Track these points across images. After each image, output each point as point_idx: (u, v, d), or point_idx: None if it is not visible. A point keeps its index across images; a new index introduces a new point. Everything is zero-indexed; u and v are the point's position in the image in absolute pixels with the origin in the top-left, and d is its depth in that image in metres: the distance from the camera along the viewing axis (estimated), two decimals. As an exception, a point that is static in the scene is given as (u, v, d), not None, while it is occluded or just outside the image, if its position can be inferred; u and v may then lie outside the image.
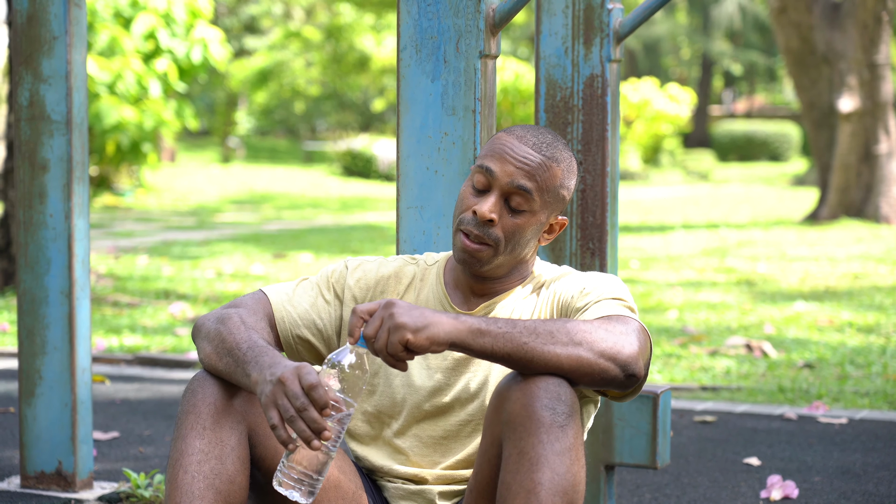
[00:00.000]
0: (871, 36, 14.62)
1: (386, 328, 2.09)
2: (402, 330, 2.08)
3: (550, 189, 2.33)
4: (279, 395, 2.07)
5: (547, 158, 2.33)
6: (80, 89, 3.56)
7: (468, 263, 2.34)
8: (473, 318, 2.13)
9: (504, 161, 2.32)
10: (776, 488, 3.68)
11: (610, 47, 3.21)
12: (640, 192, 22.78)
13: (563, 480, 2.09)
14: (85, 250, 3.59)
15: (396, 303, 2.11)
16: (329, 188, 23.36)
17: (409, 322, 2.09)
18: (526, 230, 2.34)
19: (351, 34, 31.26)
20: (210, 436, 2.21)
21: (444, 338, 2.10)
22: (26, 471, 3.59)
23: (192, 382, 2.26)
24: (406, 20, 2.85)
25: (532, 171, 2.31)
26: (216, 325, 2.27)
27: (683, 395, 5.36)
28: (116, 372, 5.80)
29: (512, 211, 2.32)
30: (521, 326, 2.12)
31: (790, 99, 39.44)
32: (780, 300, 8.28)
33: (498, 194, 2.32)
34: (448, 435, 2.39)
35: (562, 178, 2.35)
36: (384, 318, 2.10)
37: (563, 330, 2.13)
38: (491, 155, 2.34)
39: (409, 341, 2.08)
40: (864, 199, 14.94)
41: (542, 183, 2.32)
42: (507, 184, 2.31)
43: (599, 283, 2.32)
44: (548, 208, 2.35)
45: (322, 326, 2.43)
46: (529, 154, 2.32)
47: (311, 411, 2.05)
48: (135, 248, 11.89)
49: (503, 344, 2.11)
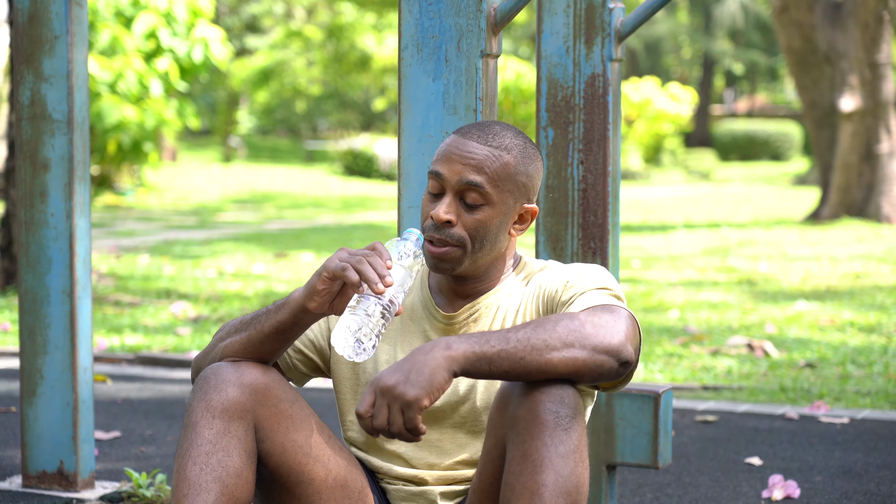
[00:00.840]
0: (872, 35, 14.62)
1: (396, 409, 2.07)
2: (409, 402, 2.05)
3: (504, 178, 2.32)
4: (342, 252, 2.19)
5: (493, 148, 2.31)
6: (81, 88, 3.56)
7: (440, 269, 2.34)
8: (466, 343, 2.10)
9: (450, 161, 2.32)
10: (778, 488, 3.68)
11: (611, 46, 3.20)
12: (641, 191, 22.78)
13: (566, 482, 2.08)
14: (86, 249, 3.59)
15: (382, 377, 2.08)
16: (330, 187, 23.36)
17: (410, 390, 2.05)
18: (489, 224, 2.32)
19: (352, 33, 31.26)
20: (219, 426, 2.21)
21: (447, 378, 2.08)
22: (28, 470, 3.59)
23: (204, 373, 2.27)
24: (407, 19, 2.85)
25: (479, 164, 2.30)
26: (214, 341, 2.33)
27: (685, 394, 5.35)
28: (118, 371, 5.80)
29: (469, 207, 2.31)
30: (516, 340, 2.10)
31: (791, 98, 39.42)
32: (781, 300, 8.27)
33: (451, 195, 2.32)
34: (443, 437, 2.39)
35: (515, 165, 2.33)
36: (388, 403, 2.07)
37: (554, 335, 2.11)
38: (438, 159, 2.34)
39: (424, 406, 2.06)
40: (865, 198, 14.93)
41: (492, 174, 2.31)
42: (456, 182, 2.31)
43: (583, 275, 2.31)
44: (508, 198, 2.33)
45: (314, 337, 2.45)
46: (475, 148, 2.31)
47: (376, 258, 2.16)
48: (136, 247, 11.89)
49: (500, 363, 2.09)
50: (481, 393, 2.36)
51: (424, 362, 2.07)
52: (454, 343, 2.09)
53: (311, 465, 2.29)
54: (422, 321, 2.42)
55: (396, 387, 2.05)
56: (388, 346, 2.42)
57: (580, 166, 3.22)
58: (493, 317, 2.38)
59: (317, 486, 2.30)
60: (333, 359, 2.46)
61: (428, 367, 2.06)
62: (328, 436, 2.34)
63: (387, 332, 2.42)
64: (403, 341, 2.41)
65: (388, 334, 2.43)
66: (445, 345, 2.09)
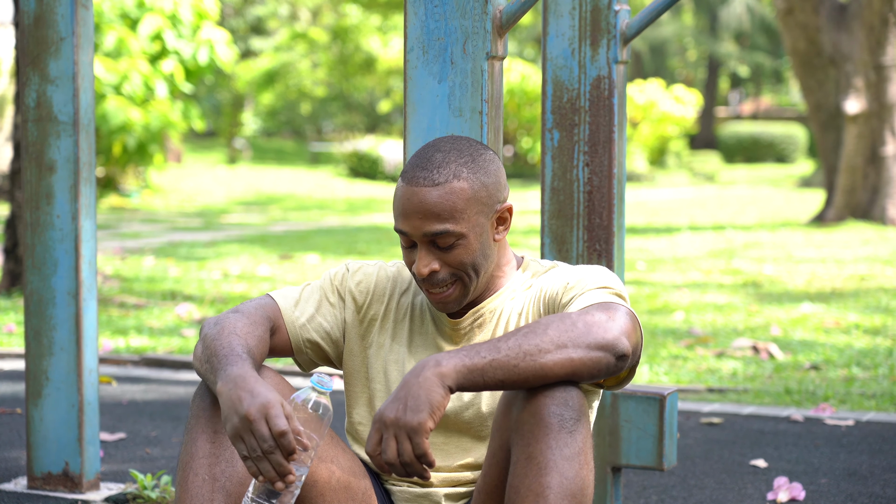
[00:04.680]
0: (877, 37, 14.61)
1: (403, 438, 2.06)
2: (414, 428, 2.05)
3: (465, 206, 2.27)
4: (245, 433, 2.05)
5: (443, 185, 2.25)
6: (87, 90, 3.56)
7: (450, 309, 2.34)
8: (456, 358, 2.09)
9: (408, 217, 2.27)
10: (783, 490, 3.68)
11: (617, 49, 3.20)
12: (646, 193, 22.77)
13: (571, 484, 2.08)
14: (92, 251, 3.59)
15: (383, 412, 2.07)
16: (335, 189, 23.36)
17: (412, 416, 2.05)
18: (471, 252, 2.29)
19: (357, 35, 31.27)
20: (220, 439, 2.21)
21: (444, 395, 2.07)
22: (33, 472, 3.60)
23: (202, 385, 2.26)
24: (413, 21, 2.85)
25: (436, 212, 2.25)
26: (211, 328, 2.28)
27: (690, 396, 5.35)
28: (123, 373, 5.81)
29: (445, 250, 2.28)
30: (507, 348, 2.09)
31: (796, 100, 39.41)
32: (786, 302, 8.27)
33: (423, 247, 2.29)
34: (448, 442, 2.39)
35: (471, 186, 2.28)
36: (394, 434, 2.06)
37: (546, 338, 2.10)
38: (397, 214, 2.30)
39: (429, 428, 2.05)
40: (870, 200, 14.92)
41: (452, 212, 2.25)
42: (422, 236, 2.27)
43: (584, 276, 2.30)
44: (478, 219, 2.29)
45: (329, 329, 2.43)
46: (425, 195, 2.26)
47: (278, 455, 2.05)
48: (141, 249, 11.90)
49: (493, 373, 2.09)
50: (486, 398, 2.36)
51: (419, 385, 2.07)
52: (443, 359, 2.09)
53: (314, 466, 2.29)
54: (429, 325, 2.42)
55: (399, 418, 2.06)
56: (399, 346, 2.42)
57: (585, 168, 3.22)
58: (496, 321, 2.38)
59: (320, 488, 2.30)
60: (346, 351, 2.46)
61: (423, 389, 2.06)
62: (331, 436, 2.35)
63: (398, 333, 2.43)
64: (413, 343, 2.42)
65: (399, 335, 2.43)
66: (435, 363, 2.08)
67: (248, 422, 2.05)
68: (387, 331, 2.44)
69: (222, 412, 2.10)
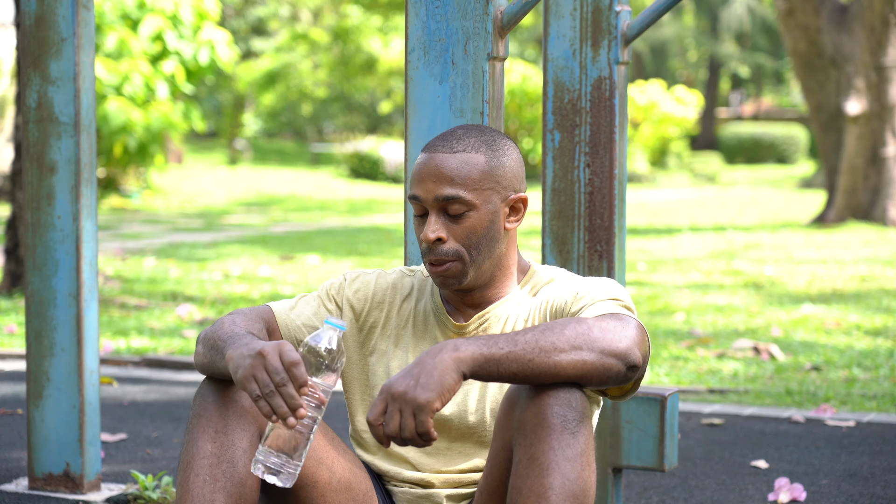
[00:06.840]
0: (878, 38, 14.61)
1: (408, 413, 2.05)
2: (421, 405, 2.04)
3: (480, 178, 2.31)
4: (258, 369, 2.07)
5: (461, 153, 2.30)
6: (88, 91, 3.56)
7: (447, 286, 2.34)
8: (474, 345, 2.09)
9: (423, 181, 2.31)
10: (784, 491, 3.68)
11: (618, 50, 3.21)
12: (647, 194, 22.77)
13: (573, 485, 2.08)
14: (93, 252, 3.59)
15: (393, 383, 2.06)
16: (336, 190, 23.37)
17: (421, 393, 2.04)
18: (478, 228, 2.31)
19: (358, 36, 31.28)
20: (221, 439, 2.21)
21: (457, 380, 2.07)
22: (34, 472, 3.60)
23: (203, 385, 2.26)
24: (414, 22, 2.85)
25: (450, 175, 2.29)
26: (210, 328, 2.30)
27: (691, 397, 5.35)
28: (124, 374, 5.81)
29: (454, 219, 2.30)
30: (524, 342, 2.10)
31: (797, 101, 39.41)
32: (787, 303, 8.27)
33: (434, 213, 2.31)
34: (451, 447, 2.39)
35: (488, 161, 2.32)
36: (400, 408, 2.05)
37: (562, 338, 2.11)
38: (413, 181, 2.34)
39: (436, 409, 2.05)
40: (871, 201, 14.92)
41: (466, 179, 2.29)
42: (433, 200, 2.30)
43: (593, 287, 2.30)
44: (491, 196, 2.32)
45: None
46: (442, 161, 2.30)
47: (290, 387, 2.05)
48: (142, 249, 11.90)
49: (508, 365, 2.09)
50: (490, 404, 2.36)
51: (433, 365, 2.06)
52: (462, 345, 2.09)
53: (315, 467, 2.29)
54: (434, 329, 2.42)
55: (408, 391, 2.05)
56: (402, 351, 2.42)
57: (586, 169, 3.22)
58: (502, 326, 2.38)
59: (321, 489, 2.30)
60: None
61: (437, 369, 2.06)
62: (332, 438, 2.35)
63: (401, 339, 2.43)
64: (416, 348, 2.41)
65: (402, 341, 2.43)
66: (453, 346, 2.08)
67: (261, 357, 2.07)
68: (389, 337, 2.44)
69: (233, 364, 2.11)
